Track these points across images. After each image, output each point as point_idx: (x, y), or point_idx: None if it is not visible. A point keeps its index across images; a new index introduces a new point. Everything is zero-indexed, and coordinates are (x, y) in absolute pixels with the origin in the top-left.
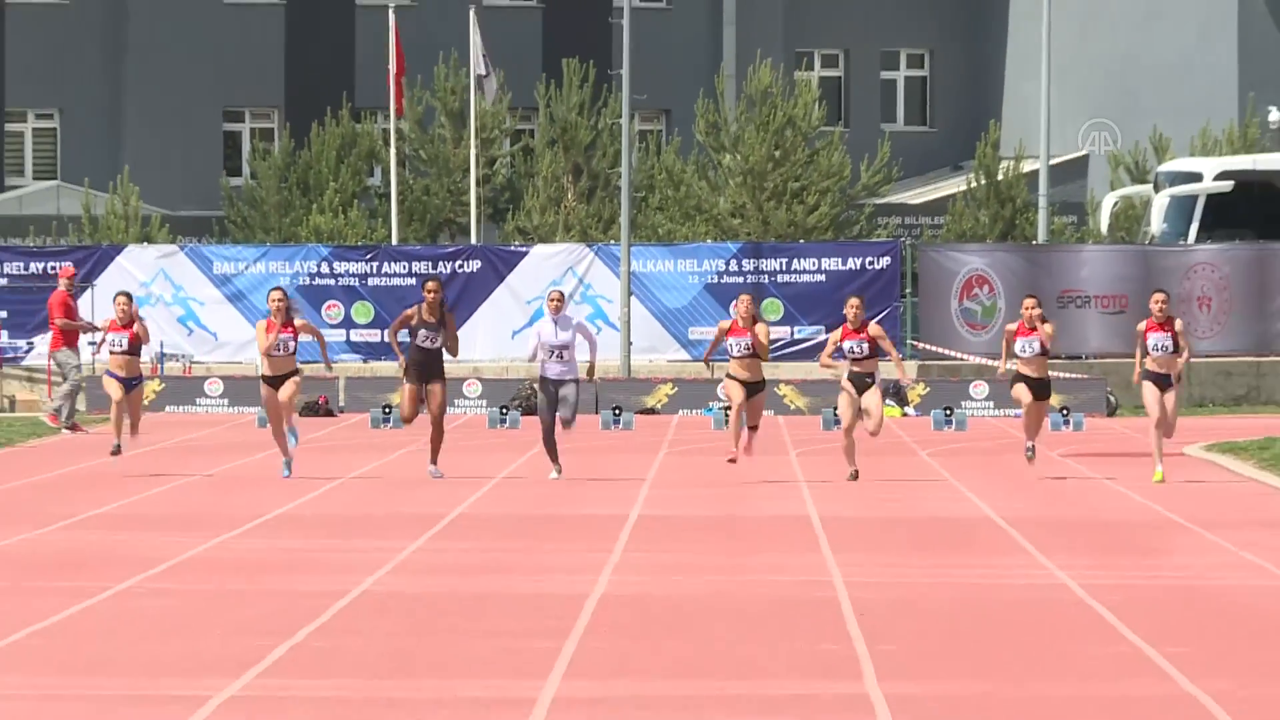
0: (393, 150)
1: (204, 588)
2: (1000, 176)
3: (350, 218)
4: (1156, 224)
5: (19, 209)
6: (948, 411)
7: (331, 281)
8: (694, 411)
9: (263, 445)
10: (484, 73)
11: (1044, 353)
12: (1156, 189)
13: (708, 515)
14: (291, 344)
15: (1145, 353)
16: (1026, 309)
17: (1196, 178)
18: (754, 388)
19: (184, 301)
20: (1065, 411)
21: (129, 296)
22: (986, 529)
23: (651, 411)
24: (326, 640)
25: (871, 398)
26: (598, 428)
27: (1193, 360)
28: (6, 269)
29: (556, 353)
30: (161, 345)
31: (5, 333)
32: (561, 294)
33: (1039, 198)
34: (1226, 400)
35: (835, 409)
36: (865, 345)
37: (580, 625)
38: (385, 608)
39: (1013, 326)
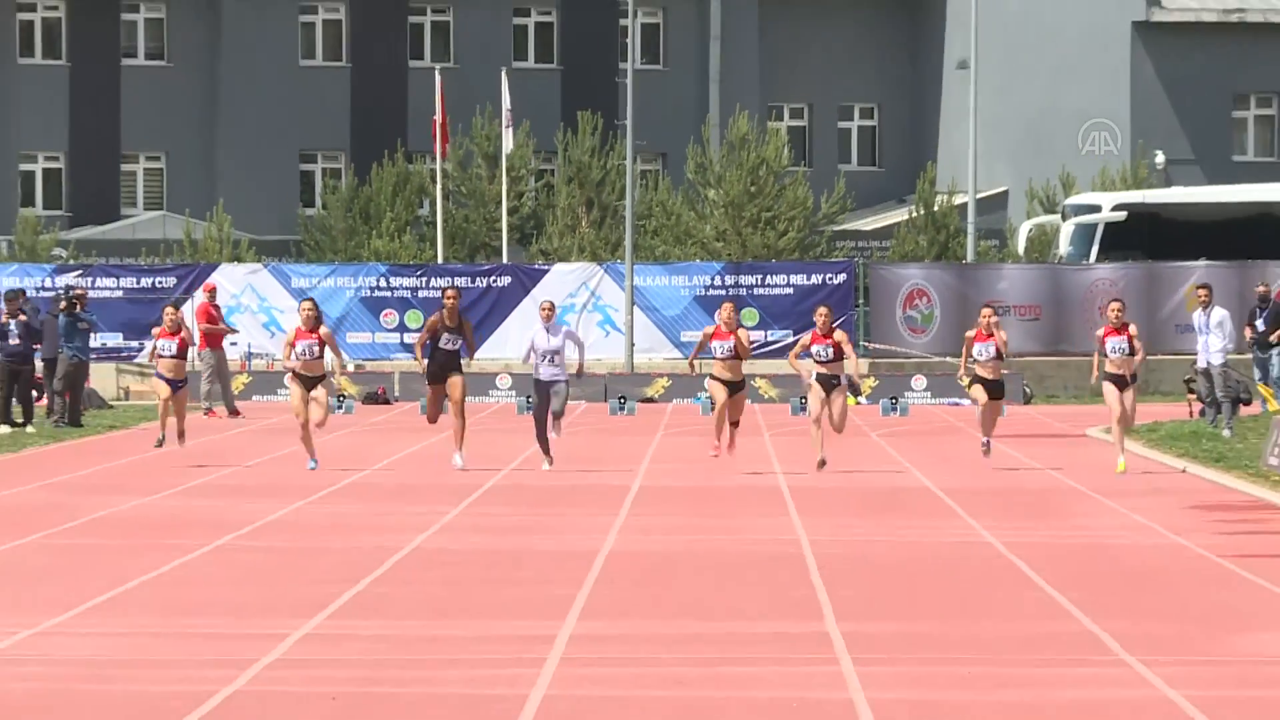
0: (438, 186)
1: (283, 545)
2: (936, 208)
3: (403, 241)
4: (1064, 247)
5: (132, 234)
6: (893, 400)
7: (388, 294)
8: (686, 400)
9: (331, 427)
10: (508, 125)
11: (999, 356)
12: (1064, 218)
13: (697, 486)
14: (316, 349)
15: (1104, 355)
16: (984, 317)
17: (1096, 209)
18: (735, 387)
19: (267, 310)
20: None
21: (176, 306)
22: (925, 497)
23: (650, 400)
24: (384, 588)
25: (838, 398)
26: (606, 414)
27: (1091, 355)
28: (122, 283)
29: (548, 356)
30: (249, 345)
31: (121, 335)
32: (552, 304)
33: (968, 225)
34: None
35: (803, 398)
36: (832, 350)
37: (592, 576)
38: (432, 561)
39: (971, 333)
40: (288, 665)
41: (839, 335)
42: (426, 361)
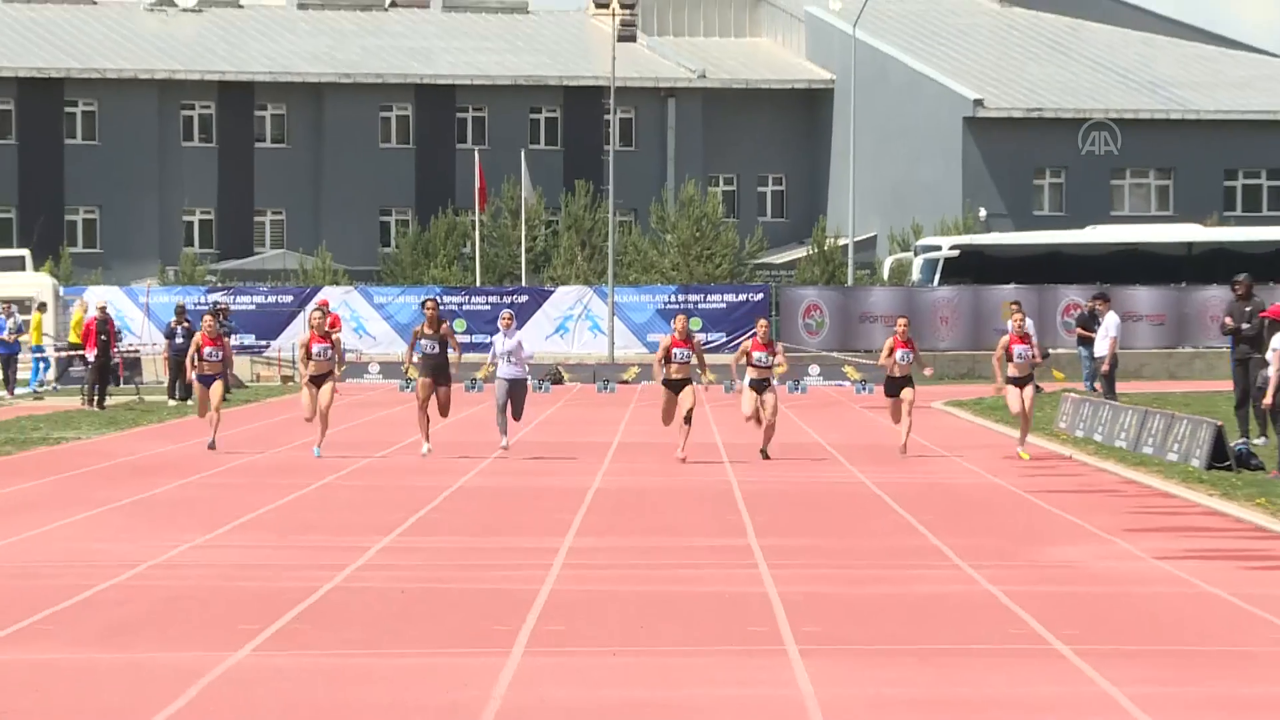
0: (476, 232)
1: (367, 484)
2: (825, 248)
3: (452, 270)
4: (915, 275)
5: (261, 265)
6: (796, 382)
7: (445, 303)
8: (651, 383)
9: (403, 401)
10: (528, 190)
11: (912, 360)
12: (915, 254)
13: (660, 443)
14: (329, 352)
15: (1010, 361)
16: (901, 327)
17: (938, 248)
18: (684, 383)
19: (357, 319)
20: (864, 382)
21: (214, 317)
22: (818, 450)
23: (625, 382)
24: (438, 514)
25: (769, 398)
26: (594, 392)
27: (936, 351)
28: (254, 300)
29: (507, 356)
30: (343, 346)
31: (254, 335)
32: (511, 314)
33: (848, 260)
34: (955, 376)
35: (733, 382)
36: (769, 357)
37: (585, 505)
38: (471, 496)
39: (889, 342)
40: (370, 568)
41: (777, 345)
42: (409, 362)
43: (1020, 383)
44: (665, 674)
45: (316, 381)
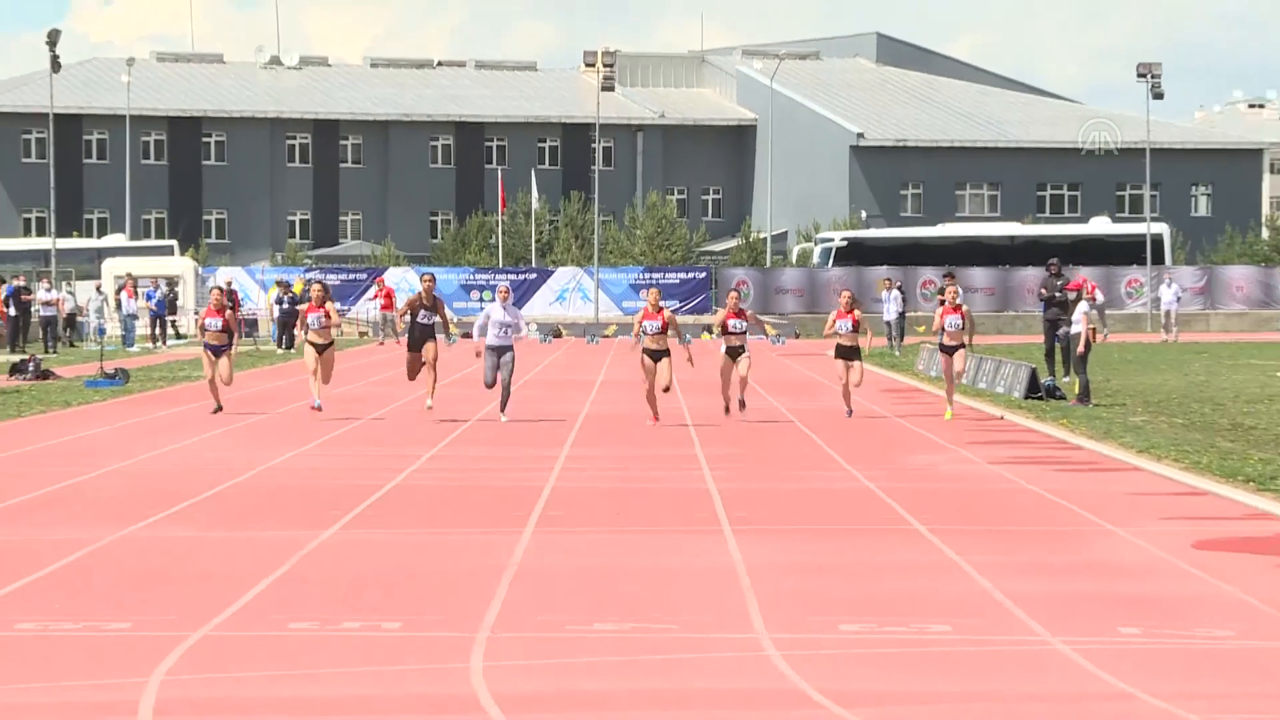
0: (499, 228)
1: (417, 413)
2: (751, 240)
3: (482, 255)
4: (816, 259)
5: (344, 252)
6: None
7: (474, 283)
8: (626, 336)
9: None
10: (536, 199)
11: (855, 329)
12: (815, 245)
13: (634, 381)
14: (324, 320)
15: (943, 330)
16: (844, 299)
17: (832, 240)
18: (662, 354)
19: (412, 290)
20: (779, 335)
21: (221, 291)
22: (750, 393)
23: (607, 336)
24: (468, 434)
25: (743, 362)
26: (585, 344)
27: (828, 315)
28: (338, 276)
29: (501, 328)
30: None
31: (338, 304)
32: (508, 288)
33: (767, 248)
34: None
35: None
36: (742, 323)
37: (575, 428)
38: (491, 424)
39: (832, 316)
40: (420, 472)
41: (748, 311)
42: (406, 333)
43: (950, 350)
44: (634, 546)
45: (319, 348)
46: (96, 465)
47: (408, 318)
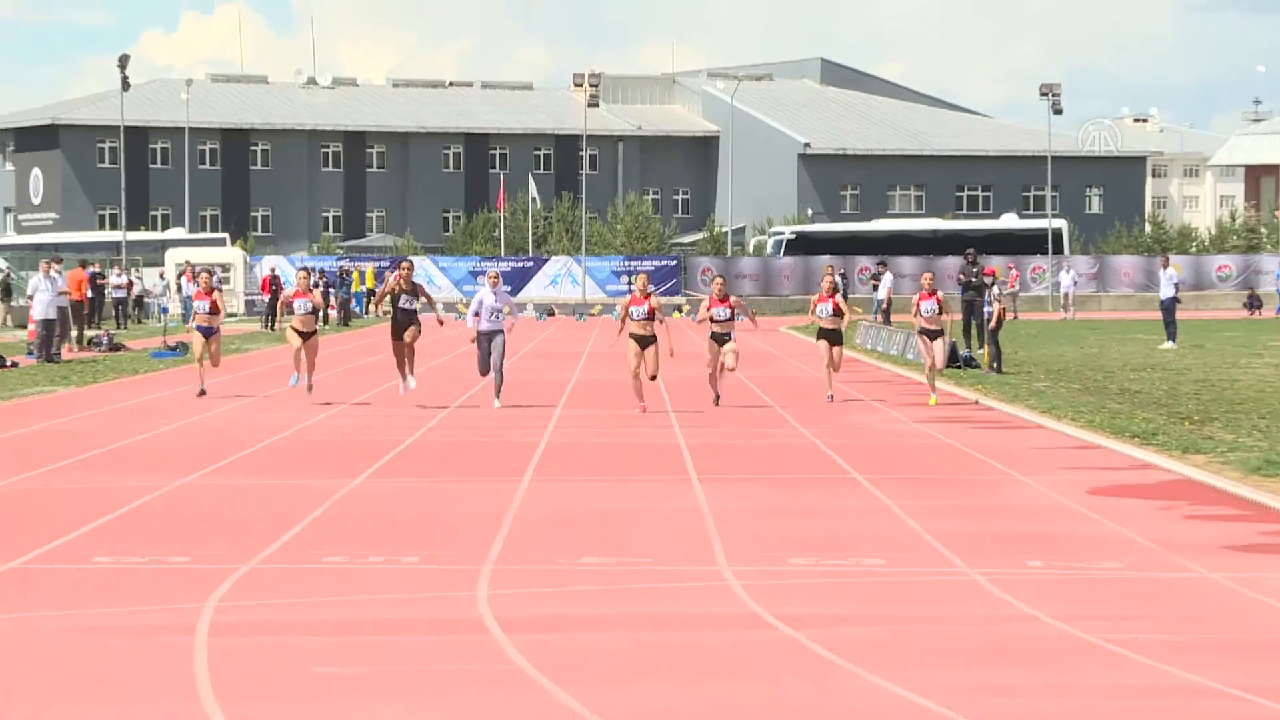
0: (502, 223)
1: (433, 381)
2: (714, 233)
3: (487, 246)
4: (769, 250)
5: (370, 243)
6: (693, 311)
7: (480, 269)
8: (609, 314)
9: (460, 341)
10: (536, 196)
11: (836, 313)
12: (769, 238)
13: (618, 353)
14: (309, 305)
15: (921, 315)
16: (826, 284)
17: (783, 233)
18: (649, 340)
19: (428, 276)
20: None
21: (210, 274)
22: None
23: (593, 314)
24: (475, 398)
25: (730, 350)
26: (574, 320)
27: (780, 296)
28: (379, 266)
29: (492, 314)
30: (366, 296)
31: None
32: (498, 274)
33: (729, 240)
34: (793, 311)
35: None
36: (727, 311)
37: (567, 390)
38: (487, 392)
39: (814, 300)
40: (436, 429)
41: (734, 299)
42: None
43: (931, 335)
44: (615, 493)
45: (304, 335)
46: (160, 424)
47: (387, 302)
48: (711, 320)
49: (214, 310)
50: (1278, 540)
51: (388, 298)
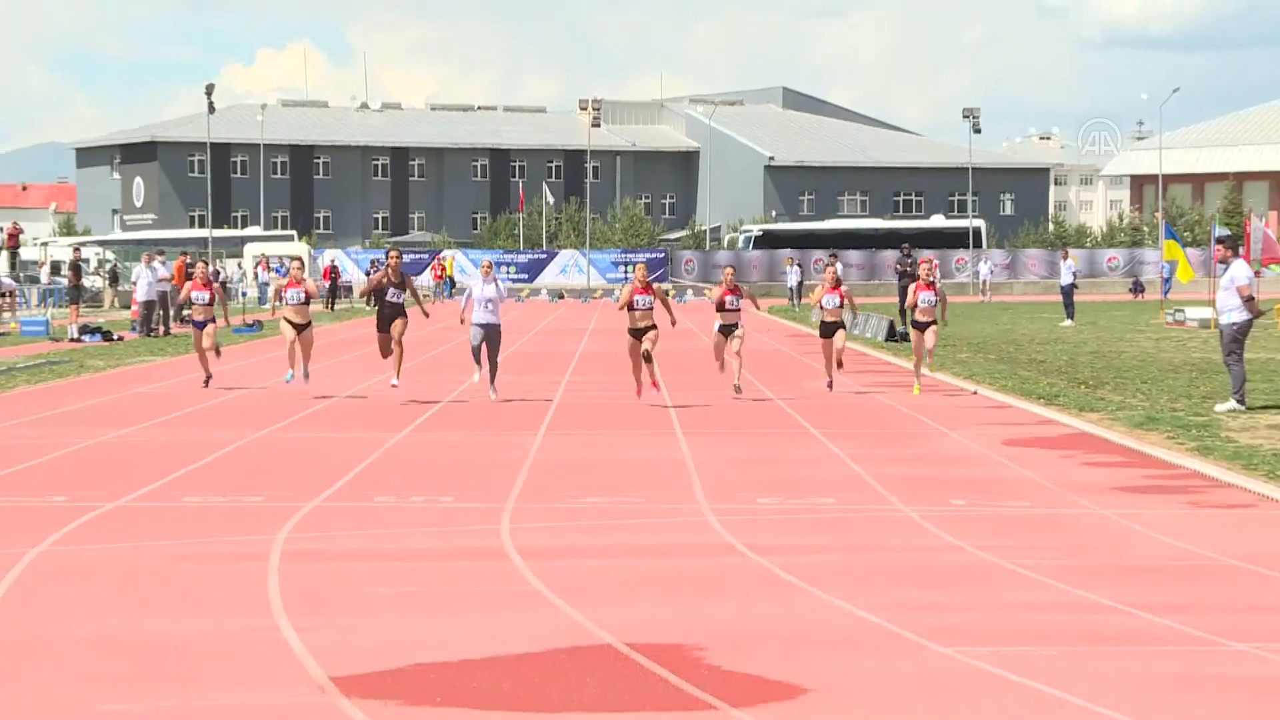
0: (521, 223)
1: (457, 360)
2: (695, 231)
3: (509, 242)
4: (740, 245)
5: (412, 239)
6: (680, 295)
7: (504, 259)
8: (610, 298)
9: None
10: (549, 199)
11: (841, 305)
12: (740, 234)
13: (618, 328)
14: (301, 295)
15: (916, 307)
16: (829, 275)
17: (751, 231)
18: (648, 329)
19: (460, 267)
20: (695, 290)
21: (206, 264)
22: (696, 338)
23: (595, 298)
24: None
25: (737, 339)
26: (580, 303)
27: (750, 282)
28: (407, 256)
29: (485, 304)
30: (451, 284)
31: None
32: (490, 264)
33: (707, 237)
34: (761, 295)
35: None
36: (739, 300)
37: (574, 359)
38: (512, 351)
39: (818, 291)
40: (451, 404)
41: (744, 289)
42: (375, 311)
43: (923, 326)
44: (612, 444)
45: (298, 327)
46: (239, 387)
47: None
48: (724, 309)
49: (212, 301)
50: (1157, 483)
51: (374, 291)
